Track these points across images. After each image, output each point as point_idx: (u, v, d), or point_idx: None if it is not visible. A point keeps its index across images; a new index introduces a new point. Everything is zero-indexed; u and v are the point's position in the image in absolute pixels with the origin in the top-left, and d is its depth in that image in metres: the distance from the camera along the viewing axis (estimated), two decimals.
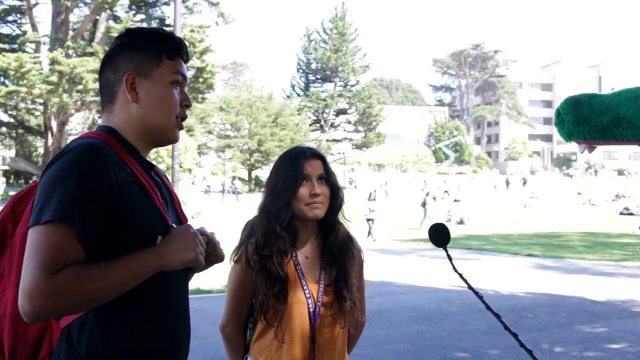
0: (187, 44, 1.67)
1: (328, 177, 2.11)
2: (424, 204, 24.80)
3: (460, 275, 1.46)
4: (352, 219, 2.28)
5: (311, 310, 2.05)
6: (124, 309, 1.43)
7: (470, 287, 1.42)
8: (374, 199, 19.40)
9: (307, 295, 2.05)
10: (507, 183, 53.63)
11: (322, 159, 2.13)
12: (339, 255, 2.12)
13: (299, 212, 2.06)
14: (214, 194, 40.86)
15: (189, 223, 1.56)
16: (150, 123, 1.55)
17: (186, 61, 1.63)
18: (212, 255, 1.59)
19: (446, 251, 1.59)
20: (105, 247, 1.39)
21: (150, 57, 1.56)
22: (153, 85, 1.55)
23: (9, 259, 1.46)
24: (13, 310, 1.41)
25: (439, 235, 1.62)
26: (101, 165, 1.39)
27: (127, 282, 1.38)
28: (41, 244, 1.30)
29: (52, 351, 1.45)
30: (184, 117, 1.61)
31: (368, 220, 19.06)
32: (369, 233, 19.05)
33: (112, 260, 1.38)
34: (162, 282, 1.48)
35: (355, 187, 46.22)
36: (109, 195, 1.39)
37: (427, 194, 25.86)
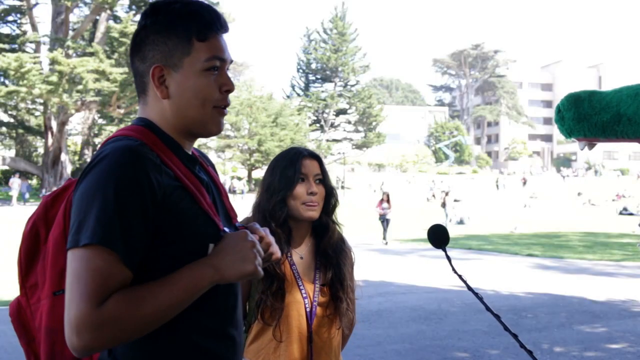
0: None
1: (323, 178, 2.12)
2: (443, 205, 24.50)
3: (460, 277, 1.46)
4: (346, 218, 2.29)
5: (308, 310, 2.06)
6: (176, 318, 1.28)
7: (469, 288, 1.42)
8: (388, 200, 18.64)
9: (304, 296, 2.06)
10: (497, 187, 51.43)
11: (319, 159, 2.14)
12: (333, 257, 2.13)
13: (295, 211, 2.07)
14: None
15: (244, 229, 1.37)
16: (186, 119, 1.37)
17: (225, 32, 1.41)
18: (266, 255, 1.41)
19: (445, 252, 1.59)
20: (152, 261, 1.27)
21: (179, 43, 1.35)
22: (184, 77, 1.35)
23: (42, 267, 1.34)
24: (49, 324, 1.30)
25: (438, 237, 1.61)
26: (140, 173, 1.24)
27: (181, 302, 1.24)
28: (83, 270, 1.17)
29: None
30: (226, 104, 1.41)
31: (383, 221, 18.39)
32: (384, 235, 18.43)
33: (162, 278, 1.24)
34: (215, 290, 1.33)
35: (342, 187, 45.52)
36: (152, 205, 1.24)
37: (447, 194, 25.41)
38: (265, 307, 2.03)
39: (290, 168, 2.08)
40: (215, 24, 1.38)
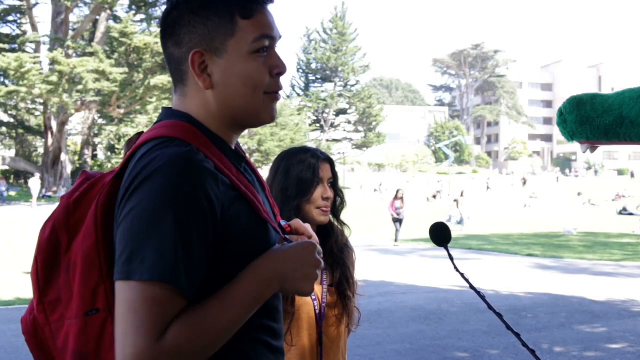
0: None
1: (334, 182, 2.12)
2: (457, 205, 24.32)
3: (462, 275, 1.45)
4: (345, 218, 2.29)
5: (317, 312, 2.06)
6: (237, 337, 1.18)
7: (472, 286, 1.42)
8: (402, 198, 17.80)
9: (313, 297, 2.06)
10: (488, 187, 50.22)
11: (331, 162, 2.13)
12: (340, 256, 2.13)
13: (308, 215, 2.05)
14: None
15: (312, 242, 1.23)
16: (234, 110, 1.21)
17: (272, 2, 1.24)
18: None
19: (447, 251, 1.58)
20: (212, 281, 1.14)
21: (221, 24, 1.17)
22: (230, 62, 1.18)
23: (66, 281, 1.17)
24: (79, 347, 1.15)
25: (440, 235, 1.60)
26: (199, 190, 1.09)
27: (245, 318, 1.13)
28: (138, 302, 1.04)
29: None
30: (278, 89, 1.24)
31: (396, 221, 17.59)
32: (396, 237, 17.75)
33: (222, 294, 1.12)
34: (269, 305, 1.24)
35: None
36: (212, 225, 1.11)
37: (462, 194, 25.17)
38: None
39: (308, 172, 2.04)
40: None
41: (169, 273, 1.04)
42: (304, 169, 2.04)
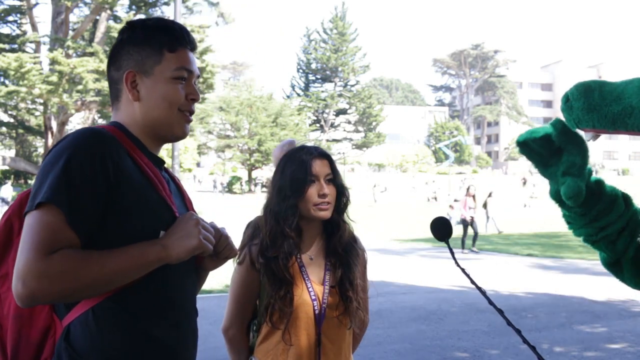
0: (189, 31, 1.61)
1: (334, 177, 2.09)
2: (485, 205, 24.06)
3: (463, 270, 1.44)
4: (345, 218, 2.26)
5: (317, 312, 2.03)
6: (125, 308, 1.39)
7: (472, 281, 1.41)
8: (473, 196, 16.08)
9: (313, 298, 2.03)
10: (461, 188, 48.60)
11: (329, 158, 2.11)
12: (344, 256, 2.10)
13: (306, 213, 2.04)
14: (204, 193, 41.01)
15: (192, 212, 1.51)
16: (153, 121, 1.51)
17: (193, 49, 1.57)
18: (226, 250, 1.57)
19: (448, 245, 1.56)
20: (106, 238, 1.36)
21: (151, 53, 1.51)
22: (154, 82, 1.50)
23: (14, 259, 1.39)
24: (17, 311, 1.39)
25: (441, 230, 1.58)
26: (96, 150, 1.35)
27: (127, 271, 1.34)
28: (34, 225, 1.28)
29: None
30: (191, 111, 1.56)
31: (466, 225, 15.81)
32: (472, 242, 16.02)
33: (110, 249, 1.34)
34: (166, 280, 1.45)
35: None
36: (105, 181, 1.35)
37: (490, 195, 24.93)
38: (273, 311, 2.00)
39: (301, 170, 2.03)
40: (184, 38, 1.55)
41: (55, 197, 1.29)
42: (296, 168, 2.04)
